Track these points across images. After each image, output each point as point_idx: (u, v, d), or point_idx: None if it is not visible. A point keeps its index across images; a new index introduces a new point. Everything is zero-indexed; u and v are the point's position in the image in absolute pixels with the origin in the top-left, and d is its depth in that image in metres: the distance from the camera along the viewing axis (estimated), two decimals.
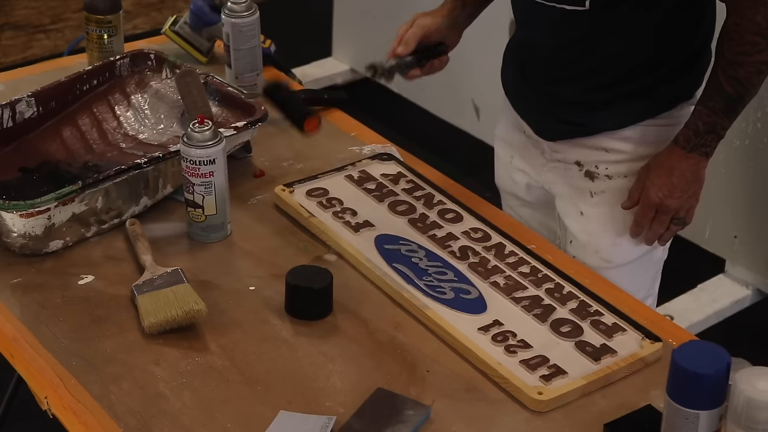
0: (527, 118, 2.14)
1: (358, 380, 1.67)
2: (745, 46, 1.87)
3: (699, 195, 2.02)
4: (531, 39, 2.08)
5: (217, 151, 1.89)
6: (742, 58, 1.88)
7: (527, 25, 2.08)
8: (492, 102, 3.79)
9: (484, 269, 1.88)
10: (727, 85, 1.90)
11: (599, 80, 2.02)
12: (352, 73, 4.31)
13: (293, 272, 1.80)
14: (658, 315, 1.86)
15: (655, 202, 1.99)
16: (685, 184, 1.98)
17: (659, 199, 1.99)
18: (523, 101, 2.14)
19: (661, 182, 1.98)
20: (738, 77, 1.89)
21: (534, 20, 2.03)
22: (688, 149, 1.95)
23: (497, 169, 2.27)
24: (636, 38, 1.97)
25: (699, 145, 1.95)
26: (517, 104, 2.16)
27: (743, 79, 1.89)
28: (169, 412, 1.61)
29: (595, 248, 2.10)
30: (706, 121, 1.93)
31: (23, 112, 2.09)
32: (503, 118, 2.22)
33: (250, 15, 2.29)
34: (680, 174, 1.97)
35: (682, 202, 2.00)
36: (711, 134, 1.94)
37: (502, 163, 2.25)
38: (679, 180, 1.97)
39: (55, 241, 1.89)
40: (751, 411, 1.42)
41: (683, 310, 3.23)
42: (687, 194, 1.99)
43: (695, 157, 1.96)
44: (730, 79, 1.90)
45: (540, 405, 1.62)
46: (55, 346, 1.72)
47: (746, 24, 1.86)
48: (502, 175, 2.26)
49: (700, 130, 1.94)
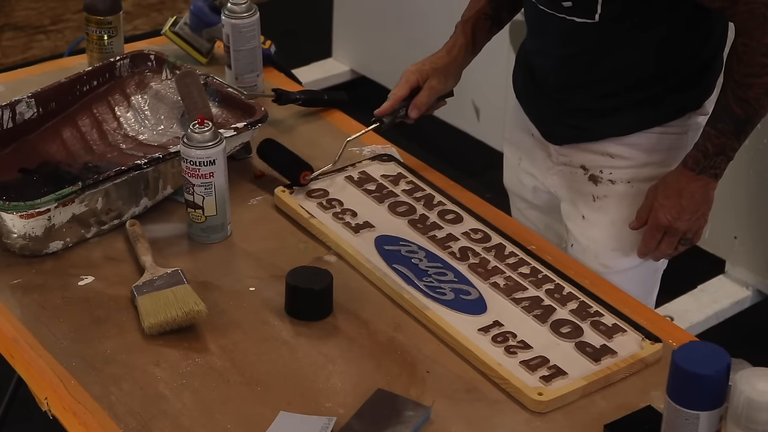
0: (536, 122, 2.14)
1: (358, 381, 1.67)
2: (755, 67, 1.84)
3: (707, 216, 2.00)
4: (541, 47, 2.09)
5: (217, 152, 1.89)
6: (751, 80, 1.85)
7: (537, 33, 2.09)
8: (492, 103, 3.80)
9: (484, 270, 1.88)
10: (737, 107, 1.88)
11: (607, 89, 2.02)
12: (352, 74, 4.32)
13: (293, 273, 1.80)
14: (658, 316, 1.86)
15: (664, 224, 1.98)
16: (694, 206, 1.96)
17: (668, 222, 1.97)
18: (532, 105, 2.15)
19: (671, 204, 1.96)
20: (747, 99, 1.86)
21: (544, 29, 2.04)
22: (698, 171, 1.93)
23: (506, 171, 2.27)
24: (644, 51, 1.97)
25: (708, 167, 1.93)
26: (526, 108, 2.16)
27: (753, 101, 1.86)
28: (169, 412, 1.61)
29: (595, 253, 2.10)
30: (716, 143, 1.91)
31: (23, 113, 2.09)
32: (512, 121, 2.23)
33: (250, 16, 2.29)
34: (689, 196, 1.95)
35: (691, 224, 1.98)
36: (720, 156, 1.92)
37: (511, 166, 2.25)
38: (688, 202, 1.96)
39: (55, 242, 1.89)
40: (752, 412, 1.42)
41: (683, 311, 3.23)
42: (696, 216, 1.98)
43: (704, 179, 1.94)
44: (740, 101, 1.87)
45: (540, 406, 1.62)
46: (55, 346, 1.72)
47: (755, 45, 1.83)
48: (510, 178, 2.26)
49: (710, 152, 1.92)
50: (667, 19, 1.94)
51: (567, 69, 2.04)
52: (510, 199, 2.30)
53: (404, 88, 2.12)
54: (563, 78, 2.06)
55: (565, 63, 2.04)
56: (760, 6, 1.82)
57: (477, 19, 2.15)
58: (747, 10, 1.83)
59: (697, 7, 1.90)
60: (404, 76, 2.14)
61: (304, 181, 2.05)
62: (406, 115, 2.14)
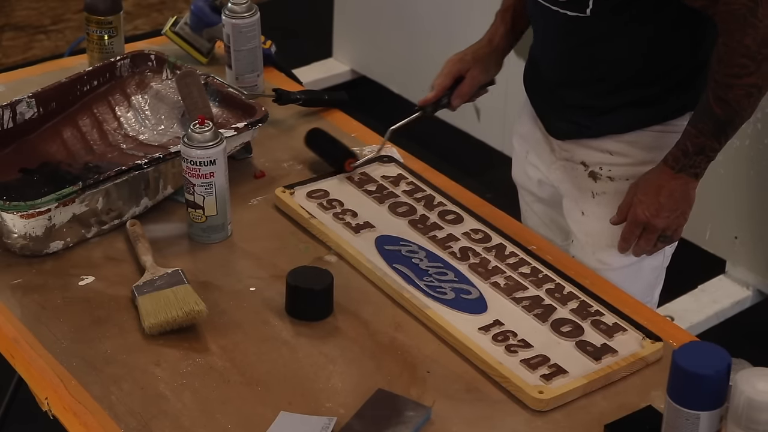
0: (540, 116, 2.15)
1: (359, 381, 1.67)
2: (734, 68, 1.84)
3: (687, 215, 2.00)
4: (542, 41, 2.11)
5: (218, 152, 1.89)
6: (731, 80, 1.85)
7: (538, 27, 2.11)
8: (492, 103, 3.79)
9: (484, 270, 1.88)
10: (717, 107, 1.87)
11: (605, 85, 2.03)
12: (353, 74, 4.32)
13: (294, 273, 1.80)
14: (658, 316, 1.86)
15: (642, 221, 1.98)
16: (673, 204, 1.96)
17: (646, 218, 1.97)
18: (537, 99, 2.17)
19: (649, 201, 1.96)
20: (727, 99, 1.86)
21: (544, 24, 2.06)
22: (677, 169, 1.93)
23: (514, 164, 2.29)
24: (638, 47, 1.97)
25: (688, 166, 1.93)
26: (533, 101, 2.18)
27: (733, 102, 1.86)
28: (169, 412, 1.61)
29: (593, 249, 2.11)
30: (695, 142, 1.91)
31: (24, 113, 2.09)
32: (524, 113, 2.24)
33: (251, 16, 2.29)
34: (668, 194, 1.95)
35: (669, 222, 1.98)
36: (700, 155, 1.92)
37: (518, 158, 2.26)
38: (666, 200, 1.96)
39: (55, 242, 1.89)
40: (752, 412, 1.42)
41: (684, 311, 3.23)
42: (675, 214, 1.98)
43: (684, 177, 1.94)
44: (720, 101, 1.87)
45: (541, 404, 1.62)
46: (55, 346, 1.72)
47: (735, 46, 1.83)
48: (518, 170, 2.27)
49: (689, 151, 1.92)
50: (659, 17, 1.94)
51: (565, 63, 2.05)
52: (518, 193, 2.31)
53: (448, 78, 2.17)
54: (562, 73, 2.07)
55: (563, 57, 2.05)
56: (740, 7, 1.81)
57: (516, 7, 2.17)
58: (727, 10, 1.83)
59: (686, 5, 1.91)
60: (447, 66, 2.17)
61: (349, 168, 2.10)
62: (449, 103, 2.18)
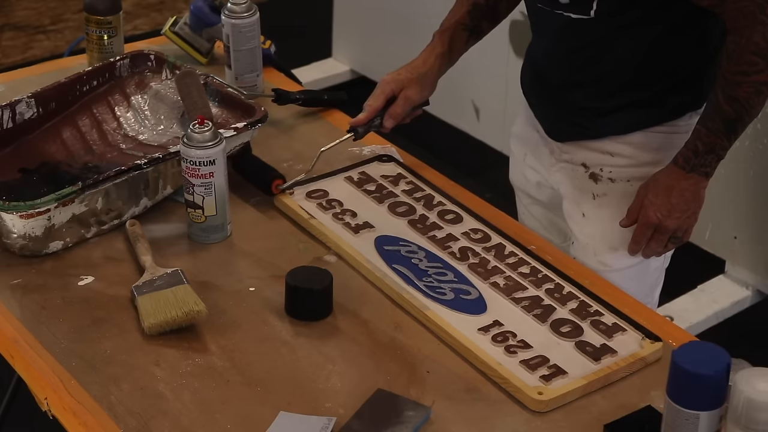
0: (540, 118, 2.15)
1: (358, 381, 1.67)
2: (744, 66, 1.84)
3: (698, 215, 2.00)
4: (542, 44, 2.10)
5: (217, 152, 1.89)
6: (740, 78, 1.85)
7: (538, 30, 2.10)
8: (492, 103, 3.81)
9: (484, 270, 1.88)
10: (726, 106, 1.87)
11: (607, 86, 2.03)
12: (352, 74, 4.32)
13: (293, 273, 1.80)
14: (658, 316, 1.86)
15: (654, 222, 1.98)
16: (684, 204, 1.96)
17: (657, 219, 1.97)
18: (537, 101, 2.16)
19: (660, 202, 1.96)
20: (737, 97, 1.86)
21: (544, 26, 2.06)
22: (688, 169, 1.93)
23: (511, 167, 2.28)
24: (641, 48, 1.97)
25: (698, 165, 1.93)
26: (531, 104, 2.17)
27: (742, 100, 1.86)
28: (169, 412, 1.61)
29: (594, 251, 2.10)
30: (705, 142, 1.91)
31: (23, 113, 2.09)
32: (521, 116, 2.23)
33: (250, 16, 2.29)
34: (679, 194, 1.95)
35: (680, 222, 1.98)
36: (711, 155, 1.92)
37: (516, 161, 2.26)
38: (678, 200, 1.96)
39: (55, 242, 1.89)
40: (751, 412, 1.42)
41: (683, 311, 3.24)
42: (686, 214, 1.98)
43: (695, 177, 1.94)
44: (729, 100, 1.87)
45: (540, 405, 1.62)
46: (55, 347, 1.72)
47: (744, 43, 1.83)
48: (516, 173, 2.27)
49: (699, 151, 1.92)
50: (663, 17, 1.94)
51: (566, 66, 2.05)
52: (516, 195, 2.30)
53: (380, 99, 2.11)
54: (563, 75, 2.06)
55: (565, 60, 2.05)
56: (749, 4, 1.81)
57: (455, 29, 2.14)
58: (736, 8, 1.83)
59: (692, 6, 1.90)
60: (380, 86, 2.12)
61: (276, 190, 2.03)
62: (381, 124, 2.13)
